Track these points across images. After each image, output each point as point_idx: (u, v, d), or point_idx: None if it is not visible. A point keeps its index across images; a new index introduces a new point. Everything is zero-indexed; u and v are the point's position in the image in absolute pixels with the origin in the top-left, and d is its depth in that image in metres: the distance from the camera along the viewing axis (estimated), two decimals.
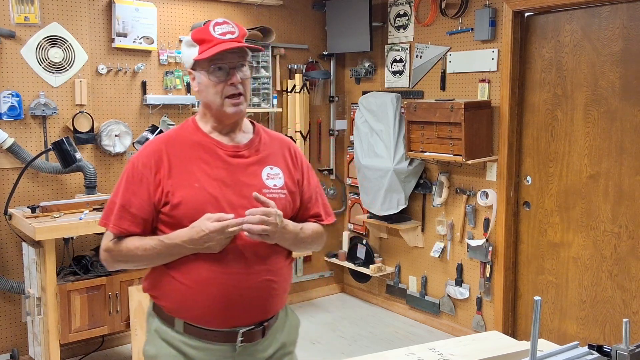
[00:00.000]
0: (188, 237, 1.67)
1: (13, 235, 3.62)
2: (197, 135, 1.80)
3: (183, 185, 1.72)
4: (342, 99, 5.18)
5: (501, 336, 1.59)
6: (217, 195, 1.72)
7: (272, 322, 1.83)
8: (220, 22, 1.74)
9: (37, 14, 3.68)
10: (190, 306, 1.74)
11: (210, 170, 1.75)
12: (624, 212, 3.50)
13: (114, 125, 3.99)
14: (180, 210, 1.71)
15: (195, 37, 1.74)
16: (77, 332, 3.44)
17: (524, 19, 3.89)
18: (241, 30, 1.76)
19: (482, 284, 4.16)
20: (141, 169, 1.74)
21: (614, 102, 3.50)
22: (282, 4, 4.71)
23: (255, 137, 1.86)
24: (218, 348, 1.75)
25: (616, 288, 3.57)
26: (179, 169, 1.74)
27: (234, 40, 1.72)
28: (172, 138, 1.80)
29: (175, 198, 1.71)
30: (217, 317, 1.73)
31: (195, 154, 1.76)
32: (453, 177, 4.31)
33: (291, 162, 1.89)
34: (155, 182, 1.73)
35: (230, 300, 1.72)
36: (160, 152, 1.76)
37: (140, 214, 1.73)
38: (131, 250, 1.73)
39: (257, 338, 1.78)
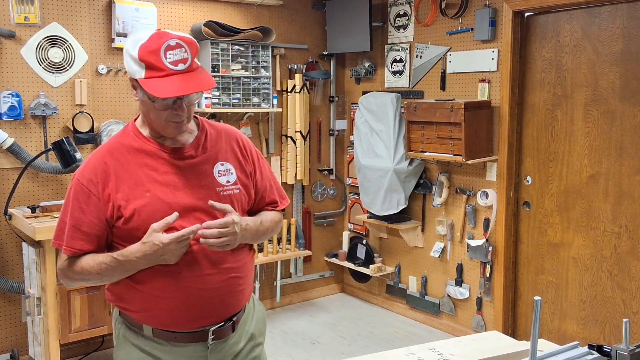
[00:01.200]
0: (142, 253, 1.62)
1: (13, 235, 3.62)
2: (139, 141, 1.73)
3: (133, 196, 1.66)
4: (342, 99, 5.18)
5: (501, 336, 1.59)
6: (171, 202, 1.67)
7: (240, 315, 1.83)
8: (173, 45, 1.61)
9: (37, 14, 3.68)
10: (156, 313, 1.72)
11: (159, 176, 1.69)
12: (624, 212, 3.50)
13: (114, 125, 3.99)
14: (134, 222, 1.66)
15: (143, 58, 1.61)
16: (77, 332, 3.44)
17: (524, 19, 3.89)
18: (193, 51, 1.65)
19: (482, 284, 4.16)
20: (87, 185, 1.68)
21: (614, 102, 3.50)
22: (282, 4, 4.71)
23: (200, 134, 1.80)
24: (189, 349, 1.75)
25: (616, 288, 3.57)
26: (126, 180, 1.68)
27: (185, 71, 1.61)
28: (114, 148, 1.73)
29: (127, 211, 1.66)
30: (185, 321, 1.72)
31: (140, 162, 1.70)
32: (453, 177, 4.31)
33: (241, 155, 1.86)
34: (104, 197, 1.67)
35: (196, 303, 1.70)
36: (105, 164, 1.69)
37: (92, 232, 1.68)
38: (85, 270, 1.68)
39: (227, 334, 1.78)
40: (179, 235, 1.59)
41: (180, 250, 1.62)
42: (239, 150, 1.86)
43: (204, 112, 4.33)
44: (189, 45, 1.65)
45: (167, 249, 1.60)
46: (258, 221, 1.82)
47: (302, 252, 4.85)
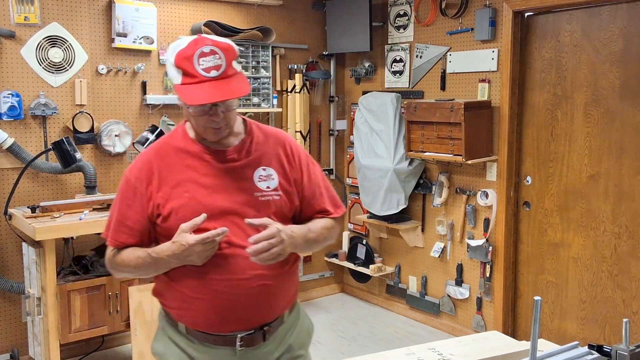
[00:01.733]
0: (171, 252, 1.65)
1: (13, 235, 3.62)
2: (185, 142, 1.77)
3: (172, 196, 1.70)
4: (342, 99, 5.18)
5: (501, 336, 1.59)
6: (207, 204, 1.69)
7: (275, 325, 1.80)
8: (207, 51, 1.62)
9: (37, 14, 3.68)
10: (188, 312, 1.75)
11: (199, 177, 1.72)
12: (624, 212, 3.50)
13: (114, 125, 3.99)
14: (171, 221, 1.69)
15: (179, 64, 1.65)
16: (77, 332, 3.44)
17: (524, 19, 3.89)
18: (228, 58, 1.65)
19: (482, 284, 4.16)
20: (134, 183, 1.74)
21: (614, 102, 3.50)
22: (282, 4, 4.71)
23: (246, 137, 1.80)
24: (219, 351, 1.75)
25: (616, 288, 3.57)
26: (168, 179, 1.72)
27: (218, 78, 1.62)
28: (161, 148, 1.78)
29: (165, 210, 1.70)
30: (214, 323, 1.73)
31: (183, 162, 1.74)
32: (453, 177, 4.31)
33: (286, 160, 1.82)
34: (147, 195, 1.72)
35: (224, 307, 1.71)
36: (150, 163, 1.75)
37: (136, 227, 1.74)
38: (125, 262, 1.75)
39: (257, 342, 1.76)
40: (204, 237, 1.60)
41: (206, 252, 1.64)
42: (285, 156, 1.82)
43: None
44: (225, 51, 1.64)
45: (192, 250, 1.62)
46: (305, 229, 1.78)
47: None
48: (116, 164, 4.10)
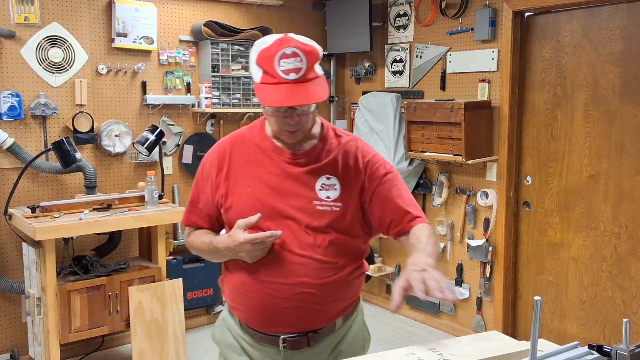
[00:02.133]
0: (225, 245, 1.69)
1: (13, 235, 3.62)
2: (260, 137, 1.77)
3: (236, 189, 1.74)
4: (342, 99, 5.18)
5: (501, 336, 1.59)
6: (265, 202, 1.70)
7: (323, 332, 1.76)
8: (288, 53, 1.59)
9: (37, 14, 3.68)
10: (238, 306, 1.79)
11: (265, 175, 1.72)
12: (623, 212, 3.50)
13: (114, 125, 3.99)
14: (231, 213, 1.74)
15: (260, 63, 1.63)
16: (77, 332, 3.43)
17: (524, 19, 3.89)
18: (310, 61, 1.61)
19: (482, 284, 4.16)
20: (208, 168, 1.80)
21: (614, 102, 3.50)
22: (282, 4, 4.71)
23: (319, 143, 1.76)
24: (265, 349, 1.77)
25: (616, 288, 3.57)
26: (236, 171, 1.76)
27: (297, 81, 1.59)
28: (239, 139, 1.81)
29: (228, 202, 1.75)
30: (258, 321, 1.76)
31: (254, 157, 1.75)
32: (453, 177, 4.31)
33: (355, 171, 1.75)
34: (216, 183, 1.77)
35: (267, 308, 1.72)
36: (225, 152, 1.79)
37: (205, 210, 1.82)
38: (194, 244, 1.84)
39: (302, 346, 1.75)
40: (252, 237, 1.62)
41: (255, 252, 1.65)
42: (354, 166, 1.76)
43: (204, 112, 4.33)
44: (307, 54, 1.61)
45: (241, 248, 1.65)
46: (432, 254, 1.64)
47: None
48: (116, 164, 4.10)
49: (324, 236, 1.70)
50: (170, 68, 4.26)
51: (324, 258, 1.70)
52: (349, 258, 1.76)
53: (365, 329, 1.94)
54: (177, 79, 4.29)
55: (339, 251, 1.73)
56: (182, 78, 4.31)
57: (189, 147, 4.37)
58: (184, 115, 4.36)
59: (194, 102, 4.32)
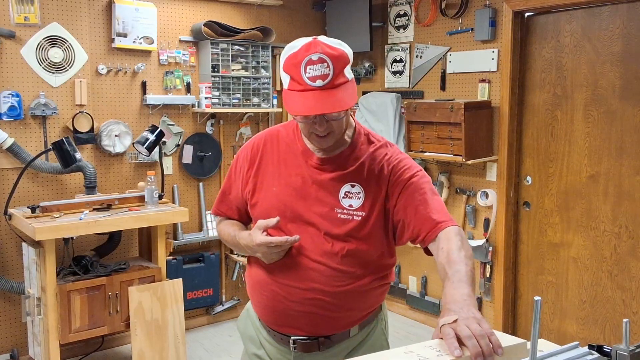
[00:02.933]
0: (245, 242, 1.72)
1: (13, 235, 3.62)
2: (294, 137, 1.76)
3: (264, 186, 1.76)
4: None
5: (500, 334, 1.58)
6: (288, 204, 1.69)
7: (335, 339, 1.73)
8: (315, 59, 1.56)
9: (37, 14, 3.68)
10: (256, 302, 1.81)
11: (292, 177, 1.72)
12: (623, 212, 3.50)
13: (114, 126, 3.99)
14: (256, 210, 1.77)
15: (286, 68, 1.61)
16: (77, 332, 3.43)
17: (524, 19, 3.89)
18: (337, 67, 1.58)
19: (482, 284, 4.16)
20: (242, 162, 1.82)
21: (614, 103, 3.50)
22: (282, 4, 4.71)
23: (348, 149, 1.72)
24: (279, 346, 1.78)
25: (616, 288, 3.57)
26: (265, 169, 1.77)
27: (323, 87, 1.55)
28: (273, 135, 1.81)
29: (254, 198, 1.77)
30: (270, 319, 1.77)
31: (285, 157, 1.75)
32: (453, 177, 4.31)
33: (380, 179, 1.69)
34: (246, 177, 1.79)
35: (278, 309, 1.72)
36: (259, 148, 1.80)
37: (234, 202, 1.85)
38: (221, 234, 1.89)
39: (312, 350, 1.73)
40: (268, 240, 1.63)
41: (271, 255, 1.66)
42: (380, 174, 1.70)
43: (203, 112, 4.33)
44: (334, 60, 1.58)
45: (258, 249, 1.66)
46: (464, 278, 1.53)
47: None
48: (116, 164, 4.10)
49: (343, 244, 1.66)
50: (170, 68, 4.26)
51: (340, 267, 1.67)
52: (367, 268, 1.71)
53: (384, 338, 1.88)
54: (177, 79, 4.29)
55: (357, 261, 1.68)
56: (182, 78, 4.31)
57: (189, 147, 4.37)
58: (184, 115, 4.36)
59: (194, 102, 4.32)
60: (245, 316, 1.93)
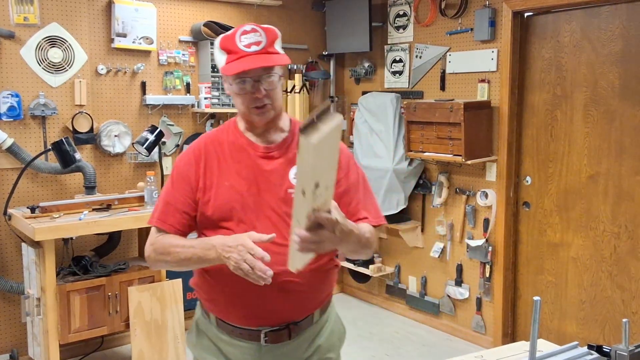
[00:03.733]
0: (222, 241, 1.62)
1: (12, 235, 3.62)
2: (234, 135, 1.82)
3: (214, 183, 1.76)
4: (342, 99, 5.18)
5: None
6: (243, 195, 1.73)
7: (303, 324, 1.79)
8: (248, 30, 1.69)
9: (37, 14, 3.68)
10: (217, 302, 1.79)
11: (241, 169, 1.77)
12: (623, 212, 3.50)
13: (113, 126, 3.99)
14: (210, 208, 1.75)
15: (223, 45, 1.72)
16: (76, 332, 3.43)
17: (524, 19, 3.89)
18: (269, 37, 1.70)
19: (482, 284, 4.16)
20: (184, 166, 1.81)
21: (614, 103, 3.50)
22: (281, 4, 4.71)
23: (289, 136, 1.82)
24: (246, 345, 1.77)
25: (616, 288, 3.57)
26: (212, 169, 1.78)
27: (259, 52, 1.67)
28: (212, 138, 1.84)
29: (206, 195, 1.76)
30: (239, 315, 1.76)
31: (229, 154, 1.79)
32: (453, 177, 4.31)
33: None
34: (195, 177, 1.78)
35: (250, 300, 1.72)
36: (200, 150, 1.81)
37: (184, 208, 1.78)
38: (169, 247, 1.73)
39: (283, 339, 1.77)
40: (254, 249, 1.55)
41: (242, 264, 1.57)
42: None
43: (203, 112, 4.33)
44: (266, 30, 1.70)
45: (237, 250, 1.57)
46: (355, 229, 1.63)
47: None
48: (116, 164, 4.10)
49: None
50: (169, 68, 4.26)
51: None
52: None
53: (341, 322, 1.99)
54: (177, 79, 4.29)
55: None
56: (181, 78, 4.31)
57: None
58: (183, 116, 4.36)
59: (193, 102, 4.32)
60: (195, 328, 1.89)
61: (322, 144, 1.35)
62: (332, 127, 1.36)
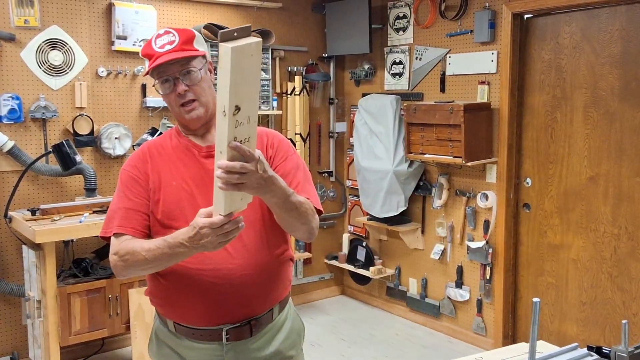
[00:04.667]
0: (187, 236, 1.56)
1: (13, 238, 3.62)
2: (177, 138, 1.85)
3: (162, 185, 1.77)
4: (342, 101, 5.18)
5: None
6: (193, 192, 1.75)
7: (263, 320, 1.80)
8: (162, 33, 1.76)
9: (37, 17, 3.69)
10: (175, 307, 1.76)
11: (187, 170, 1.78)
12: (623, 214, 3.50)
13: (114, 128, 3.99)
14: (160, 208, 1.75)
15: (143, 53, 1.78)
16: (77, 334, 3.44)
17: (523, 21, 3.89)
18: (182, 36, 1.74)
19: (482, 285, 4.16)
20: (131, 171, 1.80)
21: (614, 104, 3.51)
22: (281, 6, 4.71)
23: None
24: (207, 347, 1.76)
25: (616, 289, 3.57)
26: (159, 169, 1.79)
27: (172, 50, 1.72)
28: (156, 145, 1.86)
29: (156, 196, 1.76)
30: (199, 315, 1.74)
31: (174, 156, 1.81)
32: (453, 179, 4.31)
33: (265, 152, 1.81)
34: (145, 179, 1.78)
35: (209, 298, 1.72)
36: (145, 155, 1.83)
37: (142, 209, 1.76)
38: (136, 250, 1.66)
39: (245, 336, 1.77)
40: (213, 221, 1.51)
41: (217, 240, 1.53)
42: (264, 148, 1.83)
43: None
44: (179, 31, 1.75)
45: (203, 233, 1.52)
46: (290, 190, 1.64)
47: (302, 254, 4.85)
48: (116, 167, 4.11)
49: (255, 219, 1.75)
50: None
51: (255, 239, 1.76)
52: (276, 238, 1.81)
53: (299, 318, 2.00)
54: None
55: (267, 231, 1.78)
56: None
57: None
58: None
59: None
60: (154, 338, 1.88)
61: (240, 56, 1.32)
62: (251, 42, 1.35)
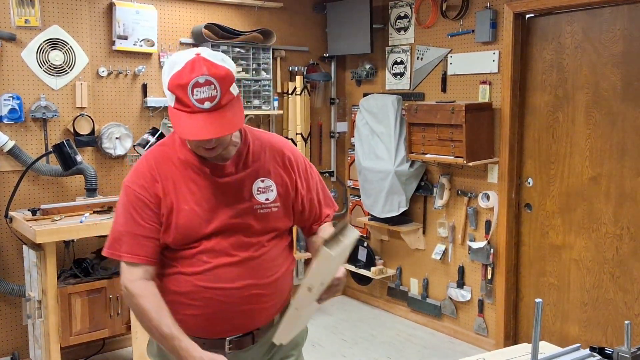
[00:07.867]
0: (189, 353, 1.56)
1: (14, 238, 3.62)
2: (184, 152, 1.72)
3: (174, 208, 1.67)
4: (343, 101, 5.18)
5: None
6: (208, 217, 1.68)
7: (265, 329, 1.80)
8: (202, 82, 1.54)
9: (38, 16, 3.69)
10: (177, 317, 1.72)
11: (199, 190, 1.69)
12: (625, 214, 3.49)
13: (114, 128, 3.99)
14: (171, 234, 1.67)
15: (172, 88, 1.58)
16: (77, 335, 3.43)
17: (525, 20, 3.88)
18: (223, 87, 1.56)
19: (484, 286, 4.15)
20: (140, 192, 1.68)
21: (615, 104, 3.50)
22: (282, 6, 4.71)
23: (242, 147, 1.75)
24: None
25: (618, 290, 3.56)
26: (169, 190, 1.68)
27: (212, 109, 1.55)
28: (163, 156, 1.73)
29: (168, 220, 1.67)
30: (203, 329, 1.73)
31: (184, 174, 1.70)
32: (454, 179, 4.31)
33: (284, 169, 1.79)
34: (156, 202, 1.67)
35: (215, 315, 1.71)
36: (153, 172, 1.69)
37: (152, 235, 1.67)
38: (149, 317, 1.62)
39: (246, 345, 1.77)
40: None
41: None
42: (282, 165, 1.79)
43: None
44: (220, 80, 1.56)
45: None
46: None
47: (303, 254, 4.85)
48: (117, 167, 4.10)
49: (267, 237, 1.75)
50: None
51: (267, 258, 1.74)
52: (285, 253, 1.82)
53: None
54: None
55: (278, 249, 1.78)
56: None
57: None
58: None
59: None
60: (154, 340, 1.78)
61: (340, 256, 1.54)
62: (352, 241, 1.54)
